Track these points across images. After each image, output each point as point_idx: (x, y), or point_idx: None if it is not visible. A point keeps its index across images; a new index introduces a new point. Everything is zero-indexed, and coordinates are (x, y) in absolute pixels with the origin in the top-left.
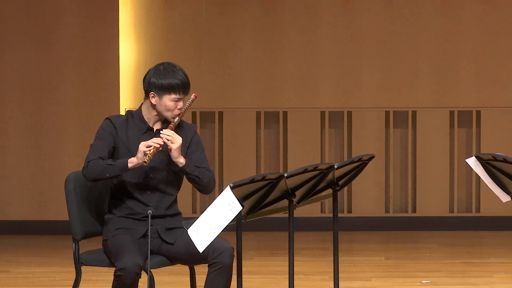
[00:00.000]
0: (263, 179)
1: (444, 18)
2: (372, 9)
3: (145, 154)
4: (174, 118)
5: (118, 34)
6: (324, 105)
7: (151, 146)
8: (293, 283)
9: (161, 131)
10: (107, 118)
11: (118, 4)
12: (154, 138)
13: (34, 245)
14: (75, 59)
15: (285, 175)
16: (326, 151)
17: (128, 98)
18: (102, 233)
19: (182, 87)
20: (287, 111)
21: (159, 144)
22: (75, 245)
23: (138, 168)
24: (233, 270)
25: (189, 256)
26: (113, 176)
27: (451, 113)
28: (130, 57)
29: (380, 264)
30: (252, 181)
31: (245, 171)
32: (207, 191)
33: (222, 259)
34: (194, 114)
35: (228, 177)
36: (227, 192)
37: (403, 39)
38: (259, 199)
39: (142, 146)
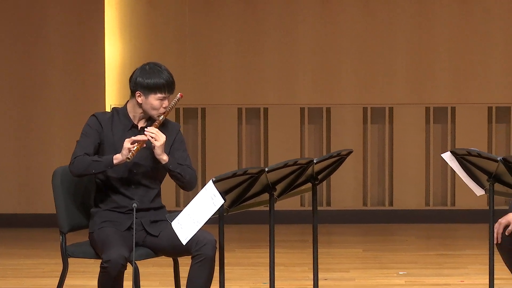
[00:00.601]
0: (245, 173)
1: (420, 17)
2: (349, 8)
3: (129, 150)
4: (159, 116)
5: (104, 33)
6: (303, 101)
7: (135, 142)
8: (274, 274)
9: (145, 129)
10: (93, 115)
11: (104, 4)
12: (139, 135)
13: (22, 237)
14: (62, 58)
15: (266, 169)
16: (305, 146)
17: (113, 95)
18: (88, 226)
19: (167, 87)
20: (267, 108)
21: (143, 141)
22: (62, 237)
23: (122, 163)
24: (215, 261)
25: (172, 248)
26: (98, 172)
27: (427, 109)
28: (116, 55)
29: (358, 256)
30: (234, 175)
31: (227, 165)
32: (189, 188)
33: (204, 251)
34: (177, 110)
35: (210, 172)
36: (210, 186)
37: (380, 37)
38: (240, 193)
39: (127, 143)
